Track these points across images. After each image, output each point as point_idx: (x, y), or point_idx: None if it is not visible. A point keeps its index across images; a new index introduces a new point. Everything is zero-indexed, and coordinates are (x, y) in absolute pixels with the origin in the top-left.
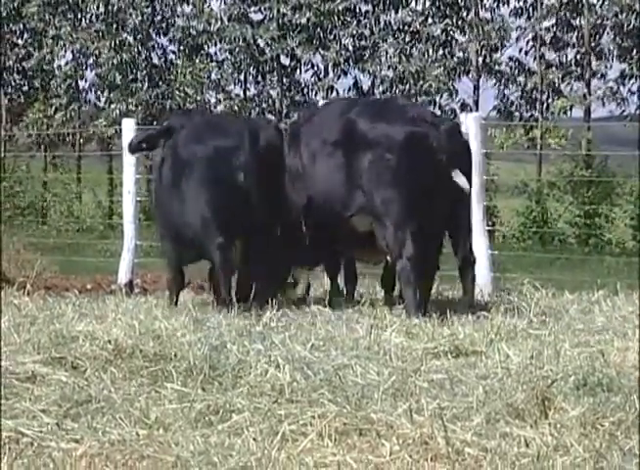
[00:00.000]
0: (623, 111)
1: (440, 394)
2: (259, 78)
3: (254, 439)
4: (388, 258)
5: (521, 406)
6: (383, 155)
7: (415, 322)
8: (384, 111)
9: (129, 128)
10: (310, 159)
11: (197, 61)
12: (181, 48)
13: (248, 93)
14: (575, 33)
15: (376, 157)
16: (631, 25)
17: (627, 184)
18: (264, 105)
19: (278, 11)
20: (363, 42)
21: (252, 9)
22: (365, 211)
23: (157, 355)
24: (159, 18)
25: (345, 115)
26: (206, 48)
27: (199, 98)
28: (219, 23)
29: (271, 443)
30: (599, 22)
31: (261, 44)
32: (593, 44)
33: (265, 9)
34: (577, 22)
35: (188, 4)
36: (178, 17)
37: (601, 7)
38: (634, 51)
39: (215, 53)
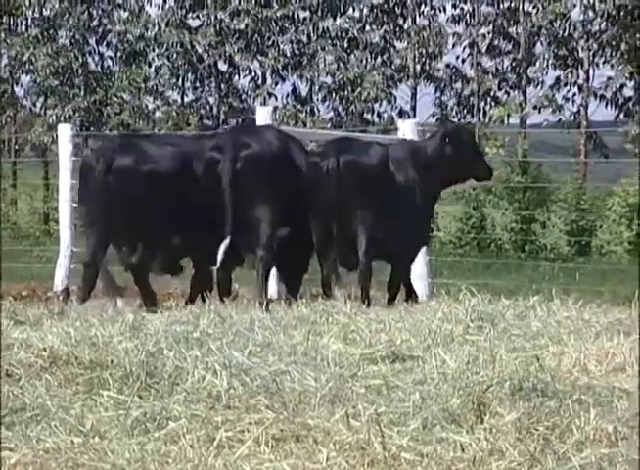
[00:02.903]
0: (560, 119)
1: (377, 399)
2: (197, 84)
3: (191, 446)
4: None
5: (457, 411)
6: None
7: (352, 328)
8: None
9: (65, 134)
10: None
11: (134, 67)
12: (118, 54)
13: (185, 99)
14: (512, 41)
15: None
16: (566, 33)
17: (562, 190)
18: (202, 111)
19: (216, 17)
20: (301, 49)
21: (190, 15)
22: None
23: (92, 363)
24: (95, 23)
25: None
26: (144, 54)
27: (136, 104)
28: (156, 28)
29: (208, 450)
30: (534, 30)
31: (199, 50)
32: (529, 52)
33: (203, 15)
34: (513, 30)
35: (125, 10)
36: (115, 23)
37: (536, 15)
38: (569, 59)
39: (153, 59)
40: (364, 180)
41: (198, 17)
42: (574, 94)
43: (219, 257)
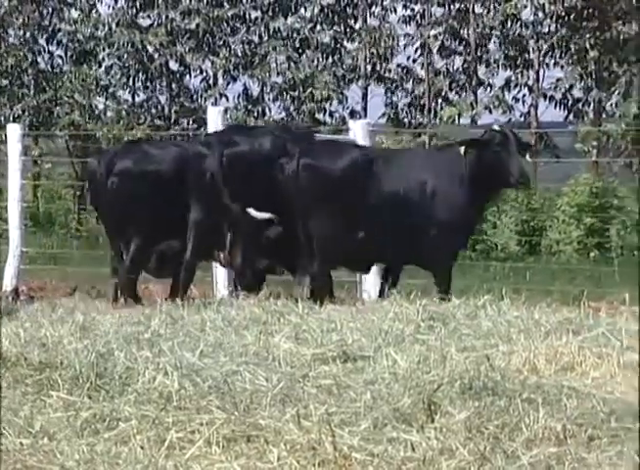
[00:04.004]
0: (510, 119)
1: (328, 399)
2: (148, 84)
3: (141, 447)
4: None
5: (407, 411)
6: None
7: (304, 328)
8: None
9: (15, 134)
10: None
11: (84, 66)
12: (68, 53)
13: (136, 99)
14: (462, 42)
15: None
16: (516, 34)
17: (513, 190)
18: (153, 111)
19: (167, 17)
20: (253, 49)
21: (141, 14)
22: None
23: (42, 364)
24: (45, 22)
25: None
26: (94, 53)
27: (86, 103)
28: (107, 28)
29: (158, 450)
30: (485, 31)
31: (150, 50)
32: (480, 53)
33: (154, 14)
34: (464, 31)
35: (75, 9)
36: (65, 22)
37: (487, 16)
38: (519, 60)
39: (103, 58)
40: (324, 185)
41: (149, 16)
42: (525, 95)
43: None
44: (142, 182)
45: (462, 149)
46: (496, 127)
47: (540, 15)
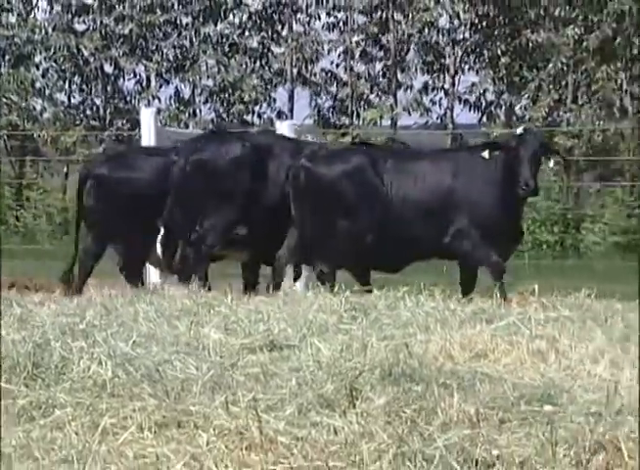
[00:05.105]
0: (427, 121)
1: (256, 386)
2: (84, 86)
3: (76, 433)
4: None
5: (330, 397)
6: None
7: (232, 319)
8: None
9: None
10: None
11: (22, 69)
12: (6, 57)
13: (72, 100)
14: (383, 48)
15: None
16: (433, 41)
17: None
18: (89, 112)
19: (101, 22)
20: (184, 53)
21: (76, 19)
22: None
23: None
24: None
25: None
26: (31, 57)
27: (24, 105)
28: (44, 32)
29: (92, 436)
30: (404, 37)
31: (85, 54)
32: (399, 58)
33: (89, 20)
34: (385, 37)
35: (12, 14)
36: (3, 26)
37: (406, 24)
38: (436, 65)
39: (40, 62)
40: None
41: (84, 22)
42: (441, 98)
43: None
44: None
45: (486, 152)
46: (519, 131)
47: (455, 23)
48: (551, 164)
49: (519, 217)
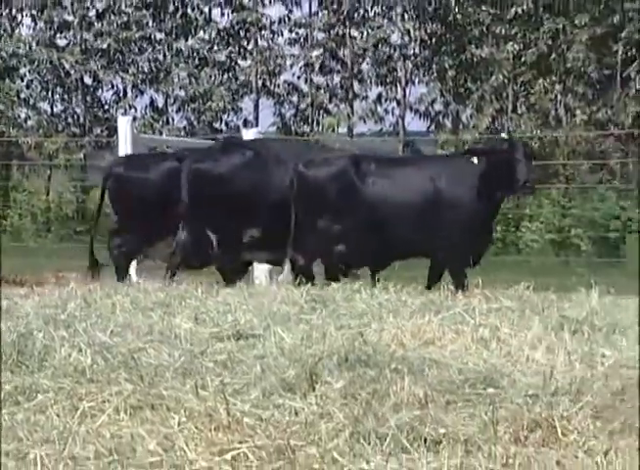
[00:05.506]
0: (381, 128)
1: (223, 372)
2: (65, 96)
3: (57, 415)
4: None
5: (292, 381)
6: None
7: (202, 310)
8: None
9: None
10: None
11: (7, 81)
12: None
13: (55, 109)
14: (340, 62)
15: None
16: (386, 55)
17: None
18: (70, 120)
19: (81, 37)
20: (158, 66)
21: (58, 35)
22: None
23: None
24: None
25: None
26: (17, 69)
27: (9, 114)
28: (28, 47)
29: (72, 418)
30: (360, 52)
31: (67, 66)
32: (355, 71)
33: (70, 35)
34: (342, 52)
35: None
36: None
37: (361, 40)
38: (389, 77)
39: (25, 74)
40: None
41: (65, 37)
42: (394, 107)
43: None
44: None
45: (475, 158)
46: (504, 136)
47: (406, 39)
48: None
49: (493, 219)
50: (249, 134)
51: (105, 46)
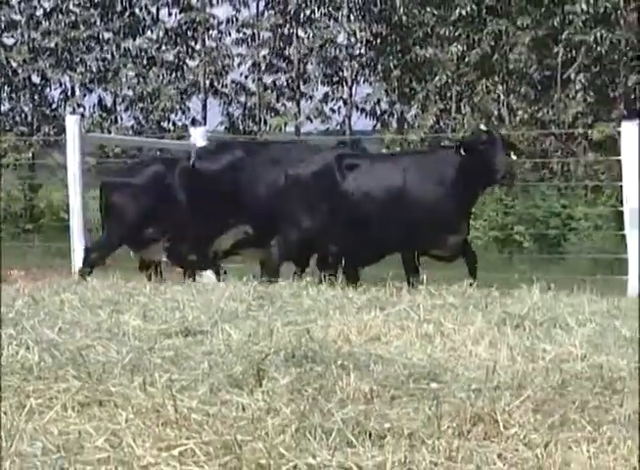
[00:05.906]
0: (328, 127)
1: (171, 368)
2: (13, 95)
3: (5, 413)
4: None
5: (239, 377)
6: None
7: (151, 307)
8: None
9: None
10: None
11: None
12: None
13: (2, 108)
14: (287, 61)
15: None
16: (332, 55)
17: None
18: (18, 119)
19: (29, 36)
20: (106, 65)
21: (5, 34)
22: None
23: None
24: None
25: None
26: None
27: None
28: None
29: (20, 415)
30: (307, 52)
31: (14, 65)
32: (302, 70)
33: (17, 34)
34: (289, 51)
35: None
36: None
37: (308, 40)
38: (335, 77)
39: None
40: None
41: (12, 36)
42: (340, 107)
43: None
44: None
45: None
46: (483, 127)
47: (352, 40)
48: (513, 157)
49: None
50: (196, 133)
51: (53, 45)
